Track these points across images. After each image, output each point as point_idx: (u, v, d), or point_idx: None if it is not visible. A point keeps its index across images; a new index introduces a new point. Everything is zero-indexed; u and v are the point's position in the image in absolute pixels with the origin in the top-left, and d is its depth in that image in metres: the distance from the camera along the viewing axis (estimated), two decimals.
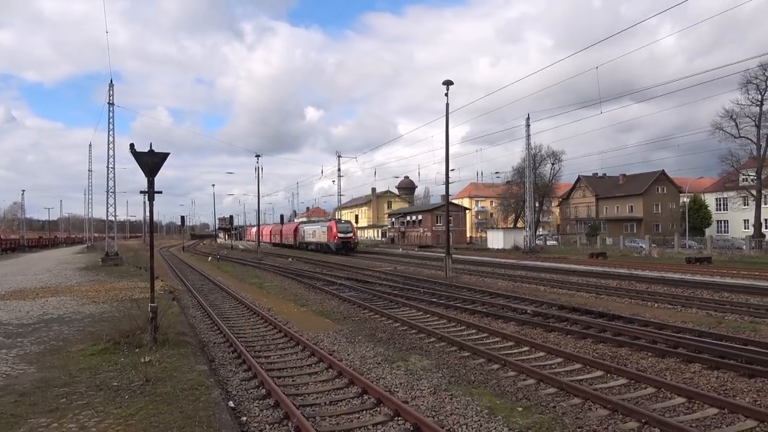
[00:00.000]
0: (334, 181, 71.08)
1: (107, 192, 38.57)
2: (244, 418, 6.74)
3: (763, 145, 46.50)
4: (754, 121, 46.29)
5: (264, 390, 7.85)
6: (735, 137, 47.64)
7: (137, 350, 9.36)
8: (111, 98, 36.64)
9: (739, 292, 17.45)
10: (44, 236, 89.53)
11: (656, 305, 15.24)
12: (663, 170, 74.34)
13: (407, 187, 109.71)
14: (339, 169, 66.11)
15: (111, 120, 36.98)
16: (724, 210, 62.98)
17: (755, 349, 9.51)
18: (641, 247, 47.99)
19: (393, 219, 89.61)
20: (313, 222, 71.19)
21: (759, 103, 45.58)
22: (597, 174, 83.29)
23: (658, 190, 73.50)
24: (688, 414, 6.72)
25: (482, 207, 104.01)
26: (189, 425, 5.95)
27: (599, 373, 8.58)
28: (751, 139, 47.31)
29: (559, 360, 9.44)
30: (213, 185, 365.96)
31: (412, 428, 6.24)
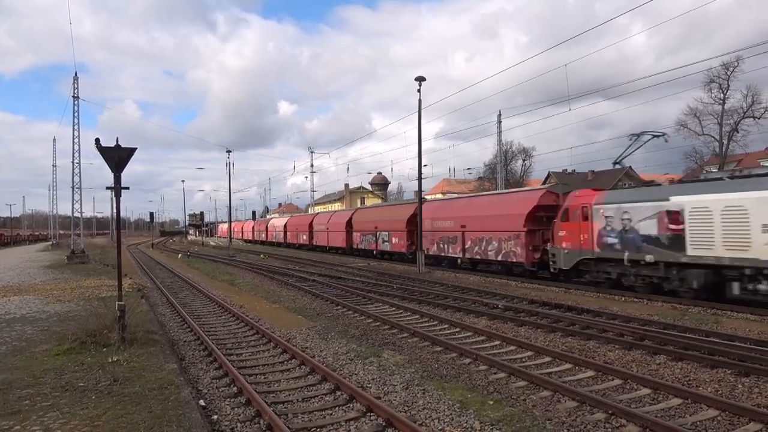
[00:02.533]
0: (306, 177, 70.72)
1: (72, 188, 37.61)
2: (215, 417, 6.66)
3: (726, 142, 47.93)
4: (717, 119, 47.66)
5: (235, 388, 7.77)
6: (699, 135, 49.02)
7: (104, 350, 9.17)
8: (76, 91, 35.68)
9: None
10: (6, 233, 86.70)
11: (623, 299, 15.59)
12: (630, 166, 75.82)
13: (380, 183, 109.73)
14: (312, 165, 65.84)
15: (76, 114, 36.03)
16: None
17: (717, 341, 9.83)
18: None
19: None
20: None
21: (721, 101, 46.93)
22: (566, 170, 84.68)
23: (625, 186, 75.00)
24: (654, 404, 6.91)
25: None
26: (158, 425, 5.85)
27: (568, 365, 8.74)
28: (714, 137, 48.68)
29: (530, 353, 9.59)
30: (183, 181, 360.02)
31: (384, 424, 6.26)
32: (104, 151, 9.87)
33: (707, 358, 8.71)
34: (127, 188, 10.41)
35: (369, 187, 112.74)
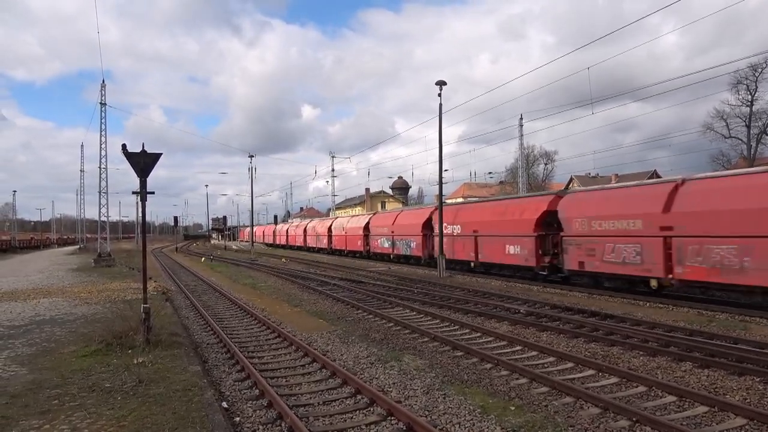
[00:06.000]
0: (328, 182, 71.01)
1: (99, 192, 38.44)
2: (238, 419, 6.74)
3: (754, 145, 46.89)
4: (745, 121, 46.68)
5: (257, 390, 7.85)
6: (726, 137, 48.07)
7: (130, 351, 9.34)
8: (103, 98, 36.50)
9: (730, 291, 17.45)
10: (36, 237, 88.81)
11: (648, 304, 15.33)
12: (655, 170, 74.74)
13: (401, 188, 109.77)
14: (333, 170, 66.09)
15: (103, 120, 36.85)
16: None
17: (745, 348, 9.61)
18: None
19: None
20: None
21: (749, 103, 45.96)
22: (590, 174, 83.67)
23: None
24: (679, 412, 6.78)
25: None
26: (182, 426, 5.95)
27: (591, 372, 8.63)
28: (741, 140, 47.71)
29: (552, 359, 9.49)
30: (206, 185, 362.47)
31: (405, 428, 6.26)
32: (130, 157, 10.08)
33: (735, 366, 8.52)
34: (153, 193, 10.60)
35: (390, 191, 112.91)
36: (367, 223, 40.65)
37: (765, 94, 45.10)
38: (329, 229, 49.71)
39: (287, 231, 68.58)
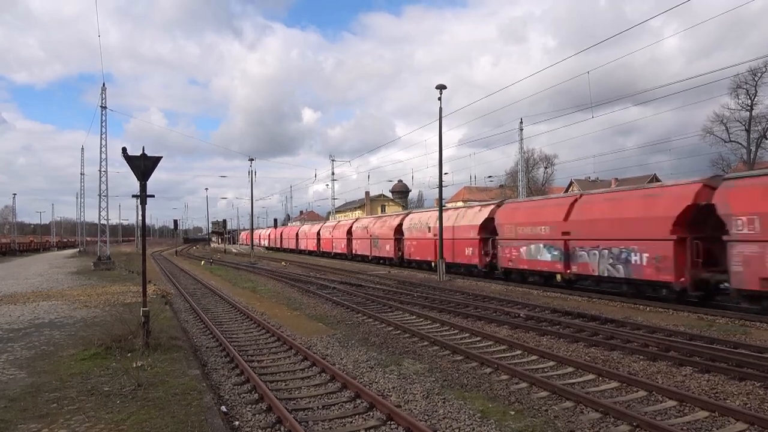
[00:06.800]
0: (327, 185, 71.07)
1: (99, 196, 38.44)
2: (237, 423, 6.72)
3: (753, 149, 46.93)
4: (744, 125, 46.72)
5: (256, 394, 7.83)
6: (725, 141, 48.11)
7: (129, 355, 9.32)
8: (103, 101, 36.52)
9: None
10: (35, 240, 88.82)
11: (648, 309, 15.31)
12: (655, 174, 74.79)
13: (401, 191, 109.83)
14: (333, 173, 66.16)
15: (103, 123, 36.87)
16: None
17: (745, 352, 9.60)
18: None
19: None
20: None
21: (749, 107, 46.02)
22: (590, 178, 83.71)
23: None
24: (679, 417, 6.76)
25: None
26: (181, 430, 5.93)
27: (591, 376, 8.62)
28: (741, 144, 47.74)
29: (552, 363, 9.47)
30: (206, 189, 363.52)
31: None
32: (131, 160, 10.08)
33: (735, 370, 8.50)
34: (153, 196, 10.60)
35: (390, 194, 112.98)
36: (399, 225, 34.16)
37: (765, 98, 45.19)
38: (349, 232, 44.22)
39: (297, 234, 62.65)
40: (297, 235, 63.11)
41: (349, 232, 44.39)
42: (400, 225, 34.13)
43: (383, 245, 36.84)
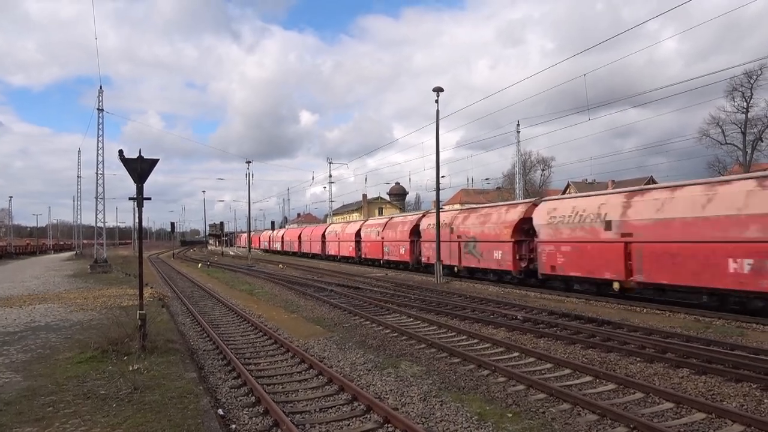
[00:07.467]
0: (325, 187, 71.02)
1: (96, 198, 38.37)
2: (234, 426, 6.70)
3: (749, 152, 47.10)
4: (740, 128, 46.90)
5: (254, 397, 7.81)
6: (722, 144, 48.29)
7: (125, 358, 9.29)
8: (100, 104, 36.50)
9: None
10: (32, 243, 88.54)
11: (645, 311, 15.33)
12: (651, 176, 75.02)
13: (398, 194, 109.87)
14: (330, 176, 66.17)
15: (100, 126, 36.85)
16: None
17: (742, 354, 9.61)
18: None
19: None
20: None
21: (744, 110, 46.20)
22: (587, 180, 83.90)
23: None
24: (677, 419, 6.77)
25: None
26: None
27: (588, 378, 8.62)
28: (737, 146, 47.92)
29: (549, 365, 9.47)
30: (203, 191, 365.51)
31: None
32: (127, 163, 10.06)
33: (732, 372, 8.51)
34: (149, 199, 10.58)
35: (387, 197, 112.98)
36: (451, 222, 27.10)
37: (760, 101, 45.41)
38: (357, 234, 40.71)
39: (299, 236, 59.29)
40: (300, 237, 59.19)
41: (358, 234, 40.99)
42: (451, 223, 27.25)
43: (396, 248, 33.57)
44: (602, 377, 8.54)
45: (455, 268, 26.40)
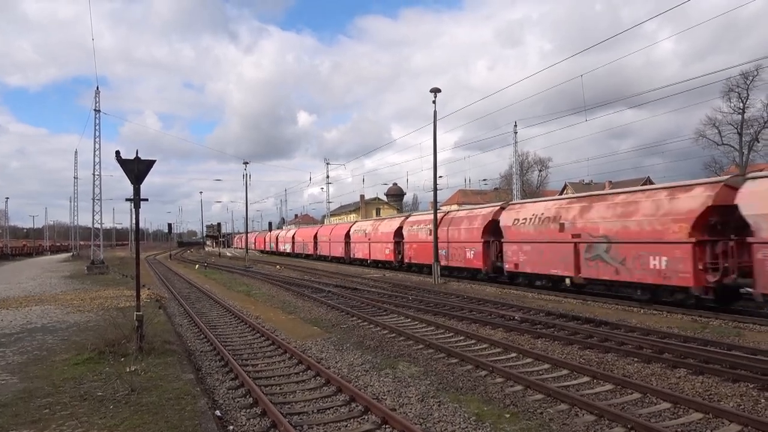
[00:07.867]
0: (322, 188, 71.01)
1: (93, 199, 38.28)
2: (231, 428, 6.69)
3: (746, 152, 47.24)
4: (737, 128, 47.04)
5: (251, 398, 7.80)
6: (718, 144, 48.44)
7: (122, 359, 9.26)
8: (97, 105, 36.43)
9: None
10: (28, 244, 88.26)
11: (642, 311, 15.36)
12: (648, 177, 75.18)
13: (396, 194, 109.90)
14: (327, 176, 66.12)
15: (97, 127, 36.75)
16: None
17: (739, 354, 9.63)
18: None
19: None
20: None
21: (741, 111, 46.34)
22: (584, 181, 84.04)
23: None
24: (674, 419, 6.78)
25: None
26: None
27: (586, 378, 8.63)
28: (733, 147, 48.07)
29: (547, 366, 9.48)
30: (201, 192, 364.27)
31: None
32: (124, 164, 10.04)
33: (729, 372, 8.54)
34: (146, 200, 10.53)
35: (384, 198, 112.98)
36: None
37: (756, 101, 45.57)
38: (398, 233, 33.75)
39: (315, 236, 51.89)
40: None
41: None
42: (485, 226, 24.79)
43: (421, 252, 30.31)
44: (600, 378, 8.55)
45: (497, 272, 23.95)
